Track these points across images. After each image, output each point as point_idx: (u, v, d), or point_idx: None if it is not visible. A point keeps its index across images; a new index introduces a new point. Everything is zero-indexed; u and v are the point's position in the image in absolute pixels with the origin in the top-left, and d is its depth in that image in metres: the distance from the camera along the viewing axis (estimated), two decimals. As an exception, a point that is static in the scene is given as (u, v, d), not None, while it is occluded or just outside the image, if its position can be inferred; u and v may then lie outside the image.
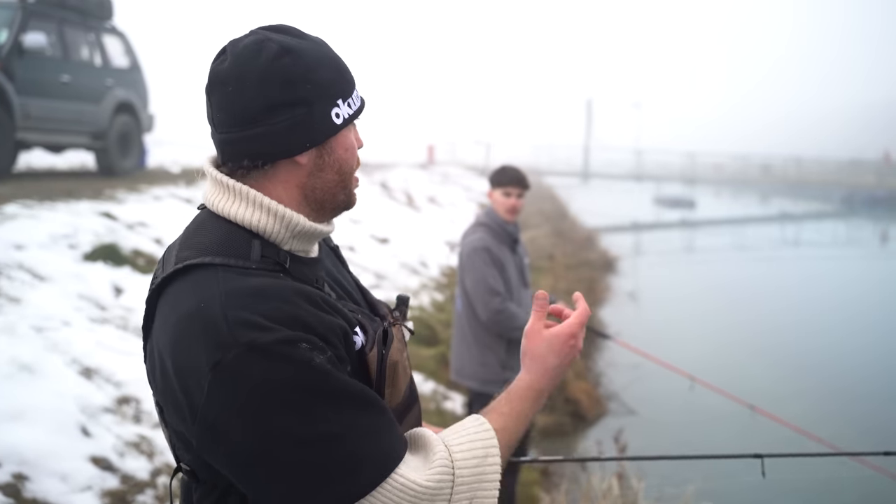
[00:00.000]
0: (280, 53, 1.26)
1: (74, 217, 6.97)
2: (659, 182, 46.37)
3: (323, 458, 1.16)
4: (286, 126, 1.27)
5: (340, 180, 1.36)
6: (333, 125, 1.31)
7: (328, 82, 1.31)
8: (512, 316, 4.07)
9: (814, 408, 8.23)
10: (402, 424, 1.39)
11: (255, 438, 1.14)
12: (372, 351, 1.33)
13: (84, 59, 11.00)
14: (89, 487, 3.48)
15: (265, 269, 1.26)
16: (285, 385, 1.14)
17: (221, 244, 1.27)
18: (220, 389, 1.13)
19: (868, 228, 32.88)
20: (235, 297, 1.18)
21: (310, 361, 1.15)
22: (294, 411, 1.14)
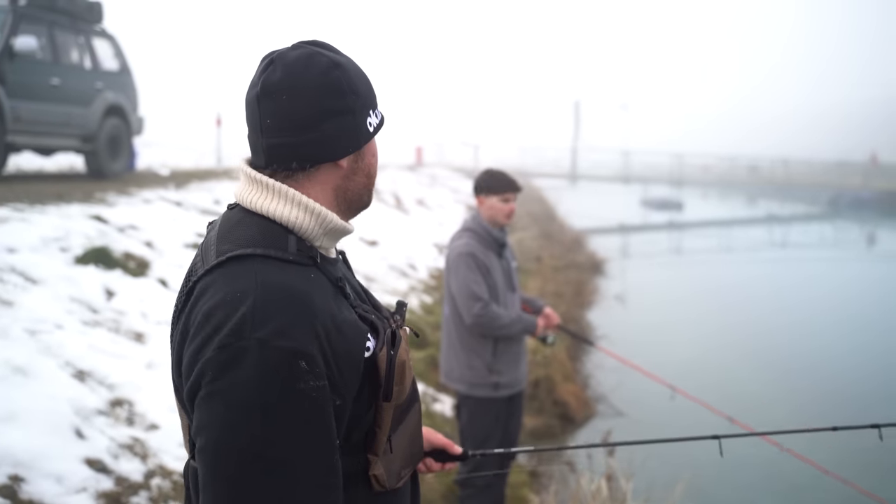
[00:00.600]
0: (331, 66, 1.40)
1: (65, 220, 6.99)
2: (646, 184, 46.55)
3: (254, 473, 1.22)
4: (335, 132, 1.41)
5: (368, 183, 1.52)
6: (368, 133, 1.47)
7: (366, 94, 1.46)
8: (495, 317, 4.13)
9: (800, 409, 8.33)
10: (404, 421, 1.53)
11: (216, 420, 1.24)
12: (382, 351, 1.42)
13: (74, 62, 11.02)
14: (84, 489, 3.52)
15: (300, 261, 1.37)
16: (258, 390, 1.22)
17: (261, 238, 1.37)
18: (214, 366, 1.24)
19: (854, 230, 33.12)
20: (270, 293, 1.28)
21: (296, 382, 1.24)
22: (248, 419, 1.22)
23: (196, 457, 1.29)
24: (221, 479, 1.23)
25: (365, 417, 1.42)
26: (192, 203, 9.78)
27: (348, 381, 1.35)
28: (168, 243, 7.46)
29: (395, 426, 1.50)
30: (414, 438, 1.59)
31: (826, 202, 45.30)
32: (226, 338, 1.24)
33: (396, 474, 1.51)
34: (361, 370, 1.37)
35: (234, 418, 1.23)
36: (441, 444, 1.91)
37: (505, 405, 4.34)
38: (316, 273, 1.39)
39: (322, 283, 1.39)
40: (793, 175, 51.53)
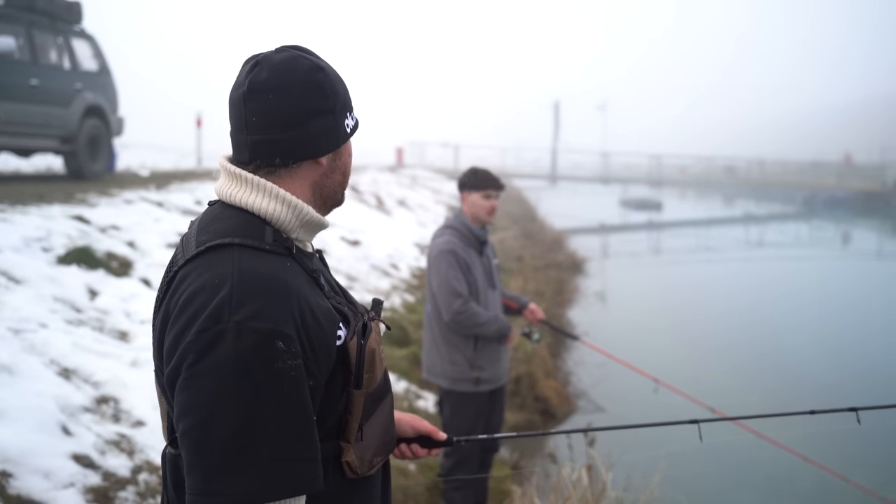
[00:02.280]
0: (315, 69, 1.49)
1: (47, 220, 6.99)
2: (625, 184, 46.85)
3: (235, 445, 1.27)
4: (318, 131, 1.50)
5: (343, 181, 1.61)
6: (346, 133, 1.56)
7: (344, 97, 1.55)
8: (473, 315, 4.19)
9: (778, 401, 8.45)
10: (376, 411, 1.60)
11: (198, 402, 1.28)
12: (352, 340, 1.48)
13: (53, 62, 10.98)
14: (72, 484, 3.55)
15: (276, 251, 1.43)
16: (238, 371, 1.28)
17: (239, 228, 1.44)
18: (192, 351, 1.30)
19: (829, 229, 33.49)
20: (247, 278, 1.34)
21: (273, 362, 1.30)
22: (227, 397, 1.27)
23: (179, 440, 1.32)
24: (206, 458, 1.27)
25: (337, 404, 1.48)
26: (173, 203, 9.78)
27: (321, 364, 1.41)
28: (150, 243, 7.47)
29: (367, 415, 1.56)
30: (386, 428, 1.65)
31: (801, 202, 45.78)
32: (204, 322, 1.30)
33: (368, 462, 1.56)
34: (334, 356, 1.44)
35: (215, 399, 1.28)
36: (426, 431, 1.95)
37: (487, 400, 4.41)
38: (291, 262, 1.45)
39: (297, 271, 1.45)
40: (768, 175, 52.03)
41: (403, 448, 1.93)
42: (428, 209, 19.88)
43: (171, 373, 1.34)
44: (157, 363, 1.45)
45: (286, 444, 1.30)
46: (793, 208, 44.67)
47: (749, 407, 7.97)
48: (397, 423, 1.89)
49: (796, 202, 46.36)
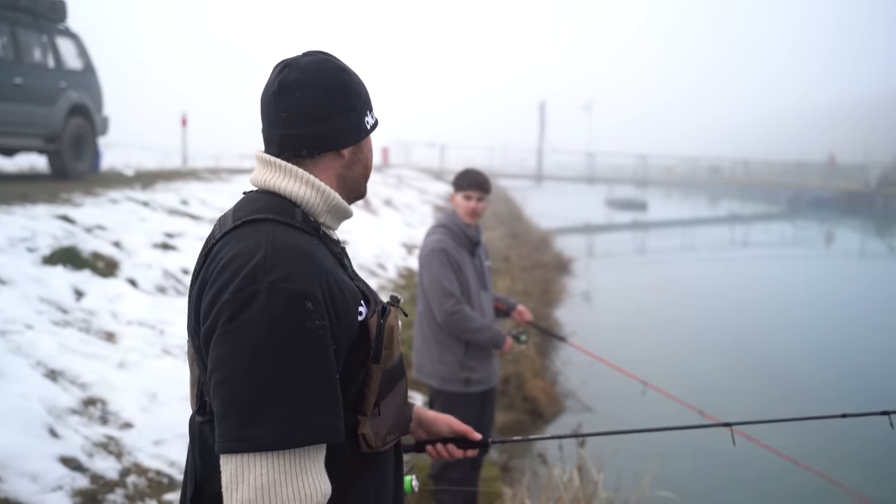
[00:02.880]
0: (340, 70, 1.65)
1: (31, 221, 6.93)
2: (611, 184, 46.98)
3: (263, 395, 1.37)
4: (341, 126, 1.64)
5: (365, 173, 1.74)
6: (366, 129, 1.70)
7: (366, 96, 1.71)
8: (466, 318, 4.16)
9: (762, 399, 8.50)
10: (393, 390, 1.68)
11: (232, 356, 1.39)
12: (373, 318, 1.58)
13: (37, 61, 10.89)
14: (60, 487, 3.52)
15: (305, 229, 1.56)
16: (270, 327, 1.38)
17: (271, 207, 1.57)
18: (230, 308, 1.40)
19: (813, 229, 33.70)
20: (279, 246, 1.46)
21: (303, 321, 1.40)
22: (260, 351, 1.37)
23: (212, 391, 1.42)
24: (237, 406, 1.37)
25: (356, 377, 1.56)
26: (159, 203, 9.72)
27: (344, 333, 1.51)
28: (136, 243, 7.42)
29: (384, 393, 1.64)
30: (400, 408, 1.73)
31: (786, 202, 46.07)
32: (240, 283, 1.41)
33: (383, 438, 1.63)
34: (355, 331, 1.53)
35: (248, 353, 1.38)
36: (462, 431, 2.01)
37: (478, 401, 4.39)
38: (318, 241, 1.58)
39: (323, 249, 1.57)
40: (753, 175, 52.34)
41: (439, 447, 2.00)
42: (414, 209, 19.86)
43: (207, 330, 1.45)
44: (194, 325, 1.55)
45: (311, 397, 1.40)
46: (777, 208, 44.93)
47: (736, 406, 8.01)
48: (434, 421, 2.00)
49: (781, 202, 46.64)
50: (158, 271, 6.97)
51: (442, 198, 25.18)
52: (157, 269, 6.98)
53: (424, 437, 2.02)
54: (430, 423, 2.01)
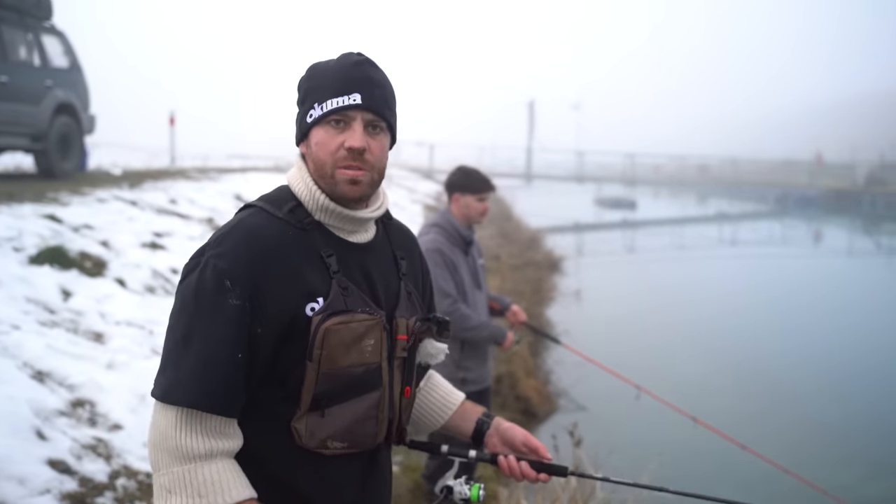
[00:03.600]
0: (307, 69, 1.72)
1: (17, 220, 6.83)
2: (600, 183, 47.03)
3: (167, 353, 1.55)
4: (296, 121, 1.73)
5: (317, 169, 1.67)
6: (306, 123, 1.68)
7: (311, 89, 1.68)
8: (463, 317, 4.11)
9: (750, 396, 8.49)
10: (351, 399, 1.63)
11: (172, 310, 1.59)
12: (316, 317, 1.58)
13: (22, 59, 10.77)
14: (48, 490, 3.44)
15: (287, 220, 1.63)
16: (191, 294, 1.54)
17: (271, 197, 1.69)
18: (181, 276, 1.61)
19: (801, 227, 33.82)
20: (237, 230, 1.60)
21: (217, 295, 1.52)
22: (182, 312, 1.55)
23: None
24: (164, 350, 1.56)
25: (294, 371, 1.58)
26: (147, 202, 9.62)
27: (272, 320, 1.55)
28: (124, 243, 7.33)
29: (337, 397, 1.60)
30: (361, 422, 1.65)
31: (774, 200, 46.22)
32: (194, 255, 1.60)
33: (321, 441, 1.61)
34: (287, 322, 1.56)
35: (174, 313, 1.57)
36: (534, 446, 1.92)
37: (474, 400, 4.34)
38: (298, 234, 1.63)
39: (298, 243, 1.62)
40: (741, 174, 52.57)
41: (512, 463, 1.90)
42: (404, 208, 19.78)
43: None
44: None
45: (201, 364, 1.50)
46: (765, 207, 45.07)
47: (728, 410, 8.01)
48: (509, 430, 1.95)
49: (769, 200, 46.79)
50: (147, 271, 6.89)
51: (431, 197, 25.13)
52: (145, 269, 6.90)
53: (499, 446, 1.96)
54: (505, 431, 1.95)
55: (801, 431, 7.73)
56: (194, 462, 1.50)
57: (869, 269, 21.36)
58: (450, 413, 2.02)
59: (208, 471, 1.51)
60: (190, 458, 1.50)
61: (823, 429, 7.86)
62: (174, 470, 1.50)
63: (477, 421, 2.00)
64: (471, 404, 2.06)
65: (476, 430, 1.98)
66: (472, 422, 2.00)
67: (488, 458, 1.93)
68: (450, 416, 2.02)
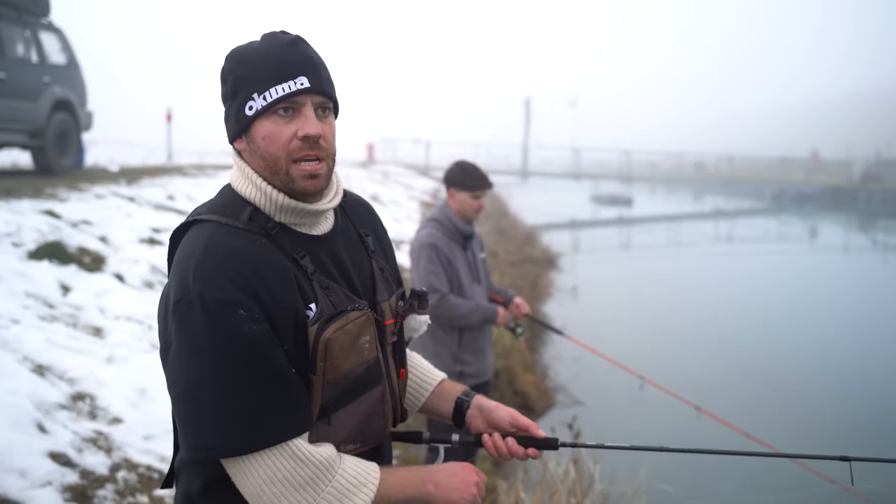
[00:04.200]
0: (227, 57, 1.56)
1: (16, 216, 6.84)
2: (596, 180, 47.02)
3: (217, 405, 1.39)
4: (225, 118, 1.58)
5: (266, 166, 1.53)
6: (246, 117, 1.52)
7: (243, 79, 1.52)
8: (451, 307, 4.13)
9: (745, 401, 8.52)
10: (355, 401, 1.58)
11: (180, 369, 1.41)
12: (313, 326, 1.49)
13: (20, 55, 10.76)
14: (49, 483, 3.46)
15: (251, 230, 1.49)
16: (213, 338, 1.38)
17: (223, 206, 1.54)
18: (172, 323, 1.42)
19: (797, 224, 33.86)
20: (210, 253, 1.43)
21: (239, 327, 1.39)
22: (211, 362, 1.39)
23: (173, 406, 1.46)
24: (193, 419, 1.41)
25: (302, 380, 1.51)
26: (145, 198, 9.63)
27: (287, 331, 1.46)
28: (122, 238, 7.35)
29: (341, 402, 1.55)
30: (369, 420, 1.61)
31: (770, 197, 46.25)
32: (177, 293, 1.42)
33: (335, 447, 1.54)
34: (293, 328, 1.47)
35: (193, 366, 1.40)
36: (524, 424, 1.78)
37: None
38: (267, 241, 1.50)
39: (270, 250, 1.49)
40: (737, 171, 52.58)
41: (497, 441, 1.77)
42: (401, 205, 19.80)
43: (162, 338, 1.46)
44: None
45: (267, 398, 1.41)
46: (761, 204, 45.11)
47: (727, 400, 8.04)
48: (494, 409, 1.80)
49: (765, 197, 46.82)
50: (145, 266, 6.90)
51: (428, 193, 25.13)
52: (144, 265, 6.91)
53: (483, 426, 1.81)
54: (490, 411, 1.80)
55: (798, 418, 7.77)
56: (332, 471, 1.47)
57: (864, 265, 21.42)
58: (426, 394, 1.89)
59: (348, 469, 1.49)
60: (330, 469, 1.46)
61: (818, 422, 7.90)
62: (323, 496, 1.45)
63: (456, 400, 1.85)
64: (450, 383, 1.91)
65: (456, 410, 1.85)
66: (451, 401, 1.86)
67: (472, 440, 1.81)
68: (427, 397, 1.89)
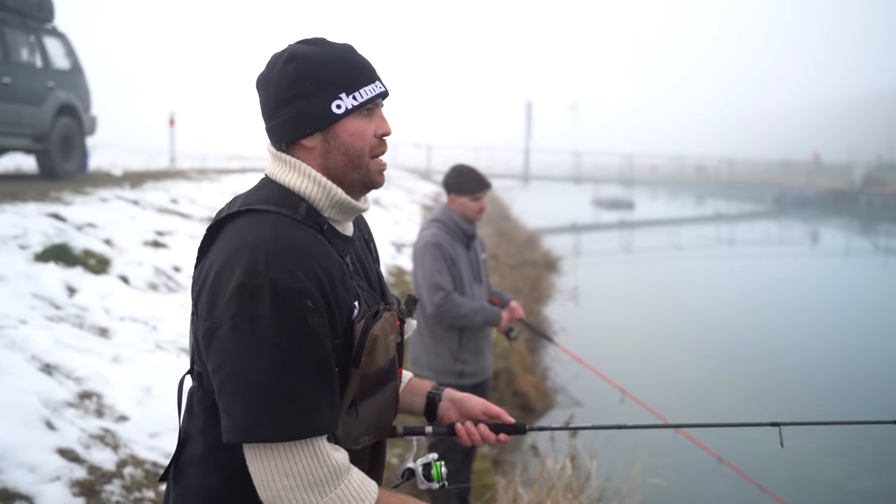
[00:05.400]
0: (288, 60, 1.60)
1: (22, 218, 6.93)
2: (597, 184, 47.12)
3: (268, 390, 1.43)
4: (290, 118, 1.60)
5: (349, 161, 1.62)
6: (333, 115, 1.59)
7: (329, 79, 1.59)
8: (455, 305, 4.20)
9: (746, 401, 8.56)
10: (377, 393, 1.67)
11: (240, 351, 1.43)
12: (360, 322, 1.58)
13: (24, 60, 10.86)
14: (58, 478, 3.54)
15: (308, 223, 1.56)
16: (274, 324, 1.42)
17: (278, 199, 1.58)
18: (235, 303, 1.43)
19: (799, 227, 33.91)
20: (281, 242, 1.48)
21: (305, 318, 1.44)
22: (271, 348, 1.42)
23: (220, 383, 1.47)
24: (244, 400, 1.43)
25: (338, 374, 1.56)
26: (149, 202, 9.72)
27: (339, 330, 1.54)
28: (127, 241, 7.43)
29: (367, 394, 1.64)
30: (383, 411, 1.71)
31: (771, 200, 46.30)
32: (244, 275, 1.43)
33: (355, 438, 1.63)
34: (345, 325, 1.56)
35: (248, 348, 1.43)
36: (495, 413, 1.91)
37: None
38: (321, 237, 1.57)
39: (326, 246, 1.56)
40: (738, 174, 52.69)
41: (470, 428, 1.87)
42: (402, 208, 19.89)
43: (214, 321, 1.46)
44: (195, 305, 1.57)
45: (311, 392, 1.46)
46: (763, 207, 45.15)
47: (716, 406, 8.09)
48: (466, 399, 1.92)
49: (766, 201, 46.87)
50: (150, 268, 6.99)
51: (429, 197, 25.23)
52: (148, 267, 7.00)
53: (456, 416, 1.91)
54: (462, 402, 1.91)
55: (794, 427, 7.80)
56: (341, 478, 1.51)
57: (866, 268, 21.45)
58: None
59: (354, 481, 1.53)
60: (340, 476, 1.50)
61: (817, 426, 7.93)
62: (331, 497, 1.49)
63: (427, 395, 1.95)
64: (419, 380, 2.01)
65: (428, 404, 1.94)
66: (423, 396, 1.95)
67: (445, 431, 1.90)
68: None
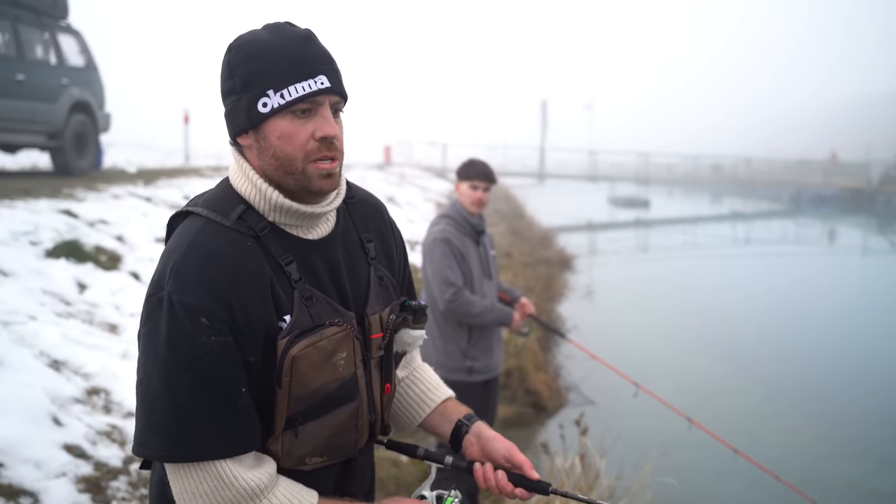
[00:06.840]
0: (228, 49, 1.48)
1: (34, 214, 6.94)
2: (613, 182, 46.92)
3: (158, 408, 1.37)
4: (227, 112, 1.50)
5: (279, 165, 1.46)
6: (258, 114, 1.44)
7: (256, 74, 1.44)
8: (467, 303, 4.17)
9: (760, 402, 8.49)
10: (326, 415, 1.51)
11: (140, 360, 1.41)
12: (283, 340, 1.44)
13: (39, 57, 10.90)
14: (63, 474, 3.53)
15: (238, 229, 1.45)
16: (168, 339, 1.36)
17: (216, 200, 1.50)
18: (145, 312, 1.41)
19: (816, 226, 33.64)
20: (192, 252, 1.40)
21: (196, 336, 1.36)
22: (165, 364, 1.36)
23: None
24: (142, 413, 1.40)
25: (267, 393, 1.45)
26: (161, 199, 9.74)
27: (251, 345, 1.41)
28: (139, 238, 7.44)
29: (313, 415, 1.49)
30: (339, 434, 1.55)
31: (788, 199, 45.96)
32: (152, 287, 1.41)
33: (299, 458, 1.51)
34: (261, 340, 1.43)
35: (148, 361, 1.39)
36: (519, 461, 1.68)
37: (481, 390, 4.40)
38: (253, 243, 1.45)
39: (255, 254, 1.44)
40: (755, 173, 52.29)
41: (488, 472, 1.68)
42: (416, 206, 19.86)
43: (140, 323, 1.44)
44: None
45: (205, 413, 1.37)
46: (779, 206, 44.83)
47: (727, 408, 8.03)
48: (492, 440, 1.72)
49: (783, 200, 46.53)
50: (161, 265, 6.98)
51: (444, 195, 25.19)
52: (159, 263, 7.00)
53: (478, 455, 1.73)
54: (487, 441, 1.73)
55: (811, 427, 7.74)
56: (258, 499, 1.41)
57: (884, 267, 21.24)
58: (428, 410, 1.83)
59: (279, 496, 1.44)
60: (255, 497, 1.41)
61: (833, 424, 7.86)
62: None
63: (456, 423, 1.78)
64: (455, 403, 1.85)
65: (454, 433, 1.78)
66: (452, 423, 1.79)
67: (464, 466, 1.74)
68: (428, 414, 1.83)
